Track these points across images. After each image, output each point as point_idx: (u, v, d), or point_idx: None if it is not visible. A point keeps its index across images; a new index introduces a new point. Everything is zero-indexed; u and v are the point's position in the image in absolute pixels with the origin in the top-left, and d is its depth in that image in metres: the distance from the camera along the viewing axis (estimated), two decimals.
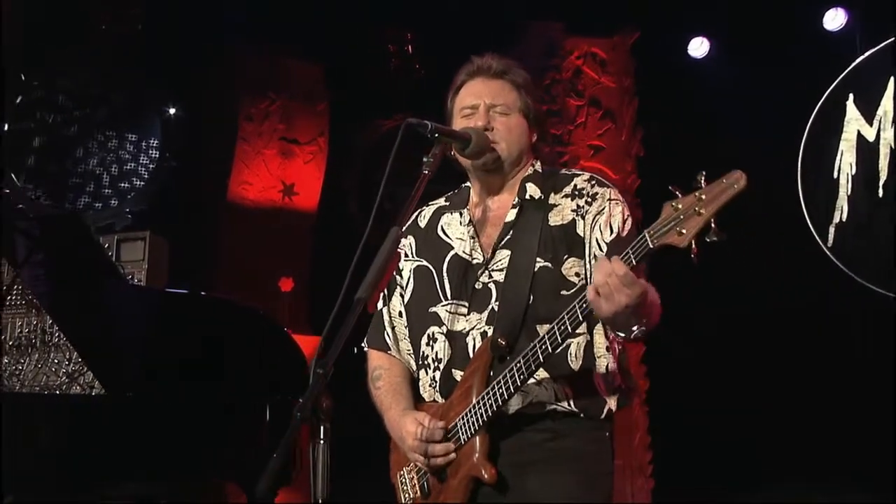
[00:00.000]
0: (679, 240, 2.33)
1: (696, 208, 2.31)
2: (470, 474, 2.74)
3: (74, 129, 6.82)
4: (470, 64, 3.03)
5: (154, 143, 6.86)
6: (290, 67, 7.49)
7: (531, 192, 2.94)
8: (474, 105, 2.96)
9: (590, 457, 2.81)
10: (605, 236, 2.81)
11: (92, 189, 6.81)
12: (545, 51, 7.18)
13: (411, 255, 3.06)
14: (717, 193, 2.31)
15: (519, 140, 2.97)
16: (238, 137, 7.27)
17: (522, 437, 2.78)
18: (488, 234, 2.94)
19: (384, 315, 3.11)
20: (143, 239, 5.84)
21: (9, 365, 5.81)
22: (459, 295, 2.90)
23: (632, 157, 7.11)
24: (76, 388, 5.62)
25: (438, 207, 3.13)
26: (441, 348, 2.90)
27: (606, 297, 2.42)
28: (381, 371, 3.06)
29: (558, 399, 2.78)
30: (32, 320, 5.83)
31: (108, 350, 4.93)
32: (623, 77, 7.22)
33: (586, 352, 2.82)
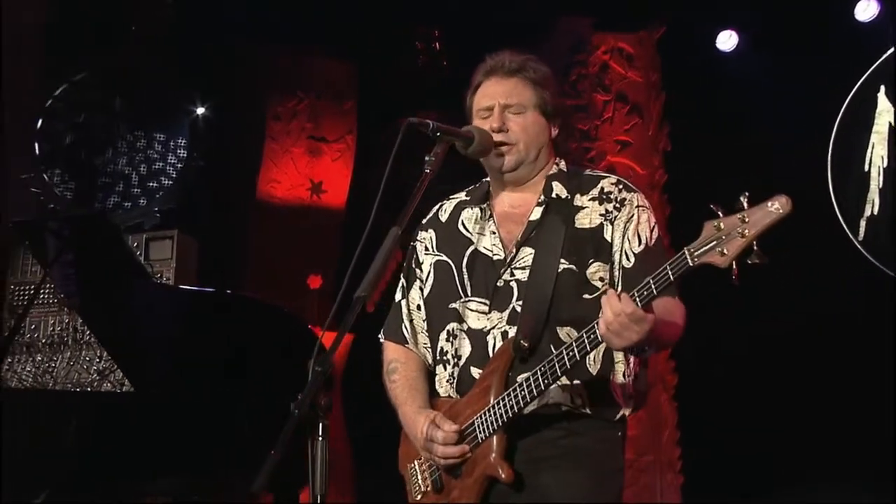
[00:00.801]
0: (721, 260, 2.36)
1: (740, 230, 2.35)
2: (486, 473, 2.76)
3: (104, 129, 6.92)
4: (485, 63, 3.04)
5: (182, 142, 6.94)
6: (318, 66, 7.54)
7: (557, 192, 2.94)
8: (489, 107, 2.97)
9: (601, 454, 2.84)
10: (634, 246, 2.83)
11: (121, 188, 6.91)
12: (572, 46, 7.17)
13: (432, 249, 3.07)
14: (761, 216, 2.35)
15: (536, 138, 2.97)
16: (266, 136, 7.34)
17: (537, 435, 2.81)
18: (510, 231, 2.94)
19: (402, 307, 3.11)
20: (171, 238, 5.91)
21: (42, 362, 5.91)
22: (480, 292, 2.91)
23: (659, 152, 7.08)
24: (107, 386, 5.71)
25: (459, 202, 3.13)
26: (461, 345, 2.91)
27: (616, 333, 2.48)
28: (398, 364, 3.07)
29: (574, 402, 2.80)
30: (64, 318, 5.94)
31: (136, 348, 5.00)
32: (650, 72, 7.19)
33: (605, 358, 2.84)
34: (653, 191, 7.00)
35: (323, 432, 2.28)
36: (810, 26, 6.48)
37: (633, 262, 2.82)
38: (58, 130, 6.91)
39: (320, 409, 2.28)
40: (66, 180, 6.84)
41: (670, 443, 6.87)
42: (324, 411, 2.28)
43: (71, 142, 6.88)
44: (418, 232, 3.13)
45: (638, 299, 2.49)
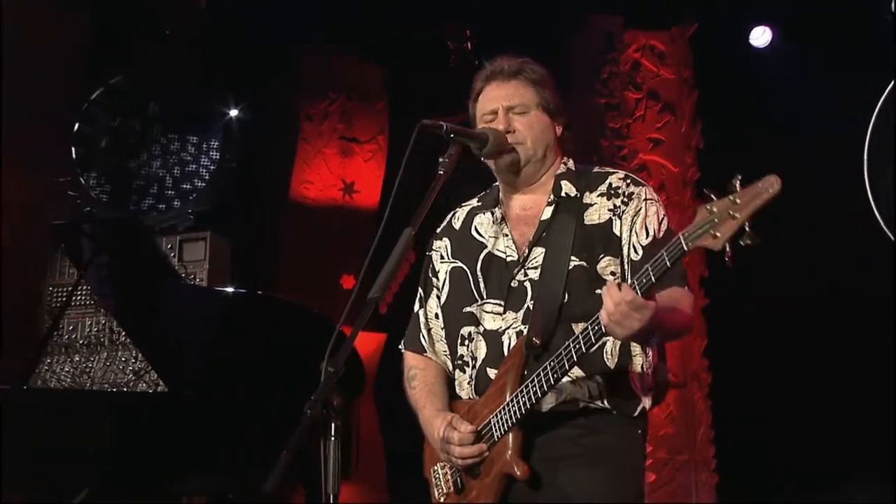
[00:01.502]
0: (713, 243, 2.36)
1: (731, 212, 2.34)
2: (503, 471, 2.78)
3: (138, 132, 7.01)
4: (484, 69, 3.07)
5: (214, 144, 7.02)
6: (349, 66, 7.58)
7: (566, 190, 2.96)
8: (493, 110, 2.99)
9: (620, 453, 2.83)
10: (642, 239, 2.85)
11: (155, 191, 7.00)
12: (603, 44, 7.16)
13: (447, 257, 3.10)
14: (751, 197, 2.34)
15: (542, 136, 2.99)
16: (299, 137, 7.39)
17: (555, 433, 2.81)
18: (522, 233, 2.97)
19: (420, 317, 3.15)
20: (203, 239, 5.97)
21: (80, 363, 6.00)
22: (495, 294, 2.94)
23: (692, 150, 7.05)
24: (142, 386, 5.79)
25: (472, 208, 3.16)
26: (477, 347, 2.93)
27: (618, 323, 2.51)
28: (416, 371, 3.11)
29: (592, 397, 2.81)
30: (101, 319, 6.02)
31: (169, 349, 5.06)
32: (682, 69, 7.16)
33: (622, 350, 2.84)
34: (685, 188, 6.98)
35: (335, 432, 2.30)
36: (846, 20, 6.42)
37: (640, 254, 2.84)
38: (94, 134, 7.01)
39: (333, 410, 2.31)
40: (101, 183, 6.95)
41: (705, 441, 6.83)
42: (336, 412, 2.30)
43: (106, 145, 6.98)
44: (433, 242, 3.17)
45: (637, 287, 2.51)
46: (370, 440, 6.40)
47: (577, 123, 7.07)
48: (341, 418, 2.31)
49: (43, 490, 5.11)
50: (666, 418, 6.78)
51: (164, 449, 4.62)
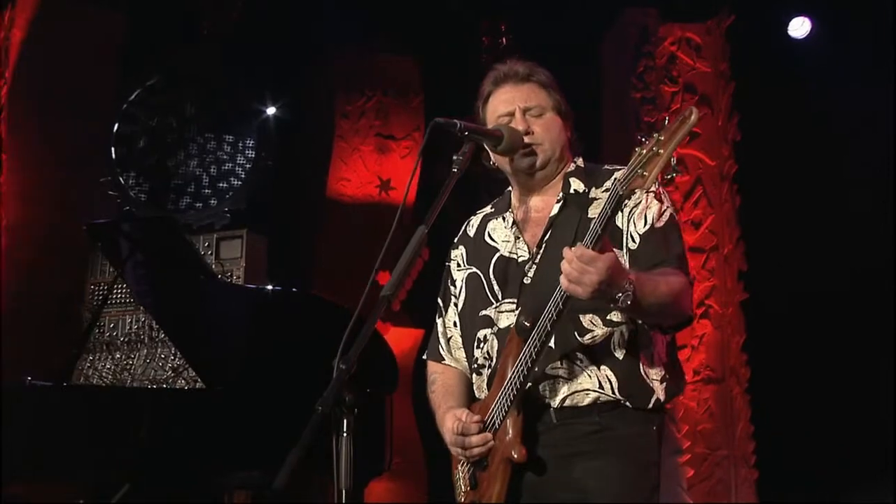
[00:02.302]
0: (642, 182, 2.48)
1: (656, 149, 2.44)
2: (504, 457, 2.79)
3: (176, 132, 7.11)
4: (494, 72, 3.09)
5: (250, 143, 7.09)
6: (385, 63, 7.62)
7: (575, 187, 2.98)
8: (509, 111, 3.00)
9: (635, 446, 2.83)
10: (640, 228, 2.86)
11: (192, 190, 7.09)
12: (638, 38, 7.12)
13: (463, 265, 3.14)
14: (672, 132, 2.45)
15: (558, 137, 3.01)
16: (335, 135, 7.44)
17: (569, 430, 2.82)
18: (534, 233, 2.99)
19: (439, 327, 3.20)
20: (240, 237, 6.04)
21: (121, 360, 6.10)
22: (509, 294, 2.96)
23: (728, 143, 6.99)
24: (181, 383, 5.86)
25: (485, 215, 3.18)
26: (492, 347, 2.96)
27: (576, 281, 2.54)
28: (436, 376, 3.16)
29: (602, 387, 2.81)
30: (141, 317, 6.11)
31: (206, 347, 5.12)
32: (719, 61, 7.10)
33: (630, 341, 2.84)
34: (722, 182, 6.93)
35: (347, 429, 2.33)
36: (887, 10, 6.33)
37: (637, 243, 2.84)
38: (132, 134, 7.12)
39: (344, 406, 2.34)
40: (140, 183, 7.06)
41: (744, 437, 6.78)
42: (348, 408, 2.33)
43: (145, 145, 7.08)
44: (450, 251, 3.21)
45: (590, 241, 2.59)
46: (407, 437, 6.43)
47: (612, 118, 7.12)
48: (353, 415, 2.32)
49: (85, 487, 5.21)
50: (704, 413, 6.75)
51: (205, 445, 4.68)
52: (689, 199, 6.88)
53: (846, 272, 6.33)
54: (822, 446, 6.22)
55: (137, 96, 7.04)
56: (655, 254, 2.82)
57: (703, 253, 6.86)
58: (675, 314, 2.79)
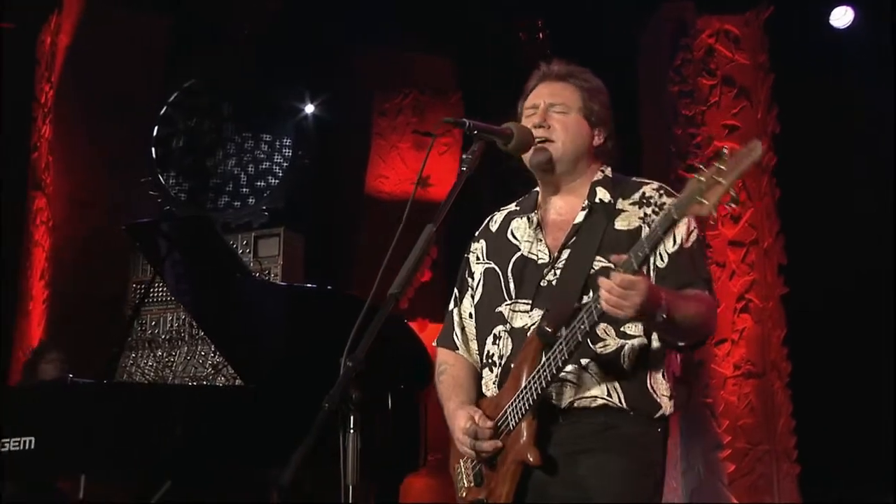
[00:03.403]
0: (701, 209, 2.45)
1: (717, 178, 2.42)
2: (517, 459, 2.80)
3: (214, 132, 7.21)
4: (538, 70, 3.10)
5: (287, 142, 7.17)
6: (422, 61, 7.65)
7: (601, 196, 2.97)
8: (535, 105, 3.02)
9: (638, 444, 2.83)
10: (668, 247, 2.86)
11: (231, 189, 7.19)
12: (676, 31, 7.07)
13: (482, 259, 3.14)
14: (735, 163, 2.42)
15: (576, 139, 2.99)
16: (373, 132, 7.50)
17: (575, 428, 2.82)
18: (556, 237, 2.98)
19: (454, 316, 3.18)
20: (277, 235, 6.11)
21: (162, 357, 6.21)
22: (524, 293, 2.96)
23: (768, 135, 6.91)
24: (221, 379, 5.95)
25: (509, 212, 3.17)
26: (504, 345, 2.97)
27: (617, 305, 2.57)
28: (446, 366, 3.15)
29: (609, 395, 2.82)
30: (181, 315, 6.21)
31: (242, 344, 5.18)
32: (757, 53, 7.02)
33: (640, 355, 2.85)
34: (762, 174, 6.86)
35: (354, 425, 2.37)
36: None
37: (666, 262, 2.85)
38: (172, 135, 7.24)
39: (351, 403, 2.37)
40: (180, 182, 7.17)
41: (785, 431, 6.72)
42: (355, 405, 2.37)
43: (184, 145, 7.20)
44: (471, 244, 3.21)
45: (633, 259, 2.58)
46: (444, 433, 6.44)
47: (650, 112, 7.08)
48: (360, 411, 2.36)
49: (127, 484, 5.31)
50: (745, 408, 6.70)
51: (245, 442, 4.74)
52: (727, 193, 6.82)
53: (887, 265, 6.26)
54: (865, 440, 6.15)
55: (176, 98, 7.14)
56: (684, 274, 2.83)
57: (743, 247, 6.81)
58: (701, 334, 2.84)
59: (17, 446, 4.60)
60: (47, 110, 7.64)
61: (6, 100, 7.45)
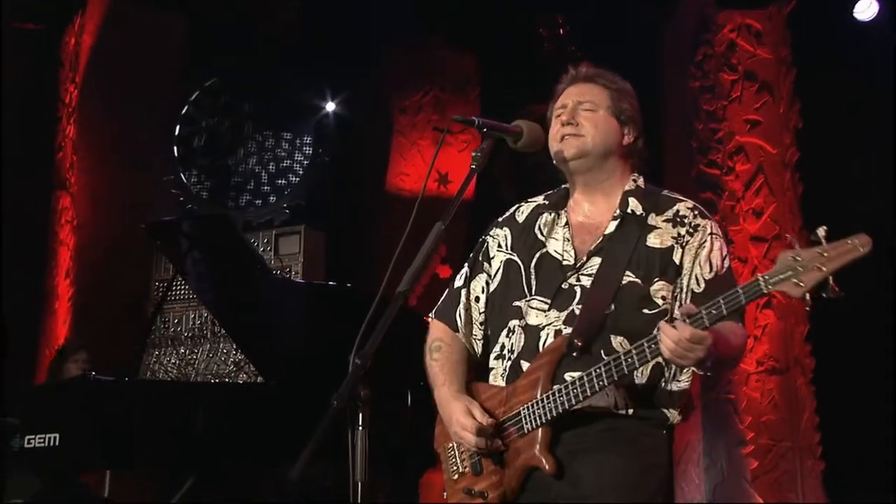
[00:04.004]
0: (796, 290, 2.44)
1: (818, 264, 2.41)
2: (529, 464, 2.81)
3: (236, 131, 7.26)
4: (566, 74, 3.11)
5: (308, 140, 7.21)
6: (442, 58, 7.66)
7: (633, 207, 2.96)
8: (564, 104, 3.03)
9: (642, 446, 2.84)
10: (706, 273, 2.87)
11: (252, 187, 7.23)
12: (697, 26, 7.04)
13: (505, 247, 3.11)
14: (841, 252, 2.42)
15: (605, 136, 2.99)
16: (394, 130, 7.51)
17: (579, 429, 2.83)
18: (583, 240, 2.98)
19: (461, 295, 3.15)
20: (298, 233, 6.14)
21: (185, 354, 6.26)
22: (543, 292, 2.96)
23: (790, 130, 6.86)
24: (243, 377, 5.99)
25: (537, 205, 3.14)
26: (517, 340, 2.97)
27: (681, 357, 2.60)
28: (442, 344, 3.12)
29: (618, 407, 2.83)
30: (203, 313, 6.26)
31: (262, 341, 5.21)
32: (780, 48, 6.97)
33: (653, 371, 2.85)
34: (784, 170, 6.82)
35: (363, 422, 2.39)
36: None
37: (703, 287, 2.85)
38: (193, 134, 7.29)
39: (359, 400, 2.39)
40: (202, 181, 7.22)
41: (809, 428, 6.68)
42: (363, 402, 2.38)
43: (205, 144, 7.24)
44: (492, 228, 3.18)
45: (706, 318, 2.58)
46: None
47: (671, 107, 7.05)
48: (369, 409, 2.38)
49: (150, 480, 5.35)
50: (768, 404, 6.66)
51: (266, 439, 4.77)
52: (750, 188, 6.79)
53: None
54: (889, 437, 6.10)
55: (198, 96, 7.19)
56: None
57: (766, 242, 6.76)
58: (731, 365, 2.86)
59: (42, 442, 4.68)
60: (71, 110, 7.72)
61: (32, 101, 7.54)
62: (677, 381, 2.88)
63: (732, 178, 6.76)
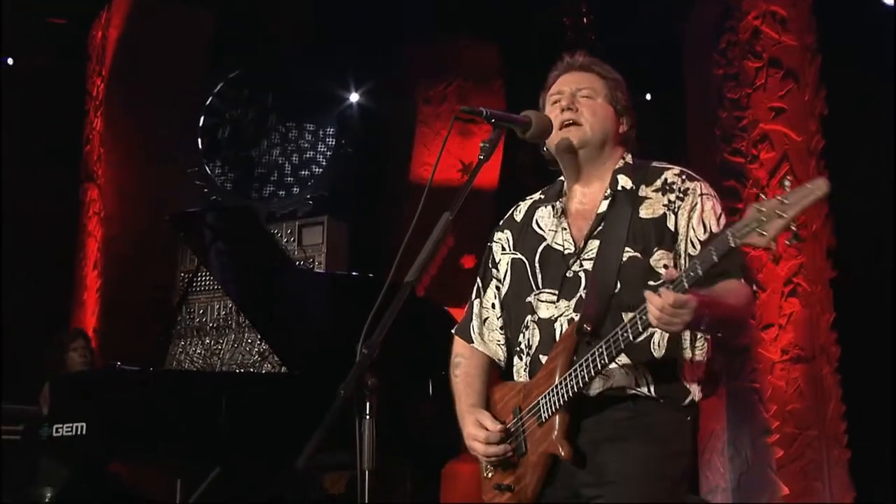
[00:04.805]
0: (760, 240, 2.45)
1: (779, 211, 2.42)
2: (548, 451, 2.83)
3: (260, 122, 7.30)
4: (560, 62, 3.12)
5: (331, 131, 7.24)
6: (465, 48, 7.67)
7: (623, 184, 2.97)
8: (561, 91, 3.03)
9: (666, 434, 2.83)
10: (700, 234, 2.87)
11: (275, 178, 7.28)
12: (721, 14, 6.99)
13: (508, 249, 3.15)
14: (800, 198, 2.42)
15: (603, 123, 3.00)
16: (417, 120, 7.53)
17: (601, 416, 2.84)
18: (580, 227, 2.99)
19: (474, 307, 3.21)
20: (321, 223, 6.18)
21: (210, 345, 6.32)
22: (550, 284, 2.98)
23: (816, 118, 6.80)
24: (267, 367, 6.04)
25: (534, 201, 3.18)
26: (532, 336, 2.99)
27: (668, 323, 2.59)
28: (461, 360, 3.19)
29: (639, 384, 2.83)
30: (228, 303, 6.31)
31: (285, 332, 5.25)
32: (805, 34, 6.90)
33: (670, 341, 2.86)
34: (809, 157, 6.76)
35: (370, 411, 2.41)
36: None
37: (699, 249, 2.84)
38: (217, 126, 7.34)
39: (367, 389, 2.42)
40: (226, 172, 7.27)
41: (835, 416, 6.63)
42: (371, 391, 2.41)
43: (229, 136, 7.29)
44: (494, 233, 3.22)
45: (685, 281, 2.56)
46: None
47: (695, 95, 7.01)
48: (376, 398, 2.40)
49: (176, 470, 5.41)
50: (794, 393, 6.62)
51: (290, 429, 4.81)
52: (775, 176, 6.74)
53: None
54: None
55: (221, 88, 7.24)
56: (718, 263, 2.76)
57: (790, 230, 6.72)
58: (738, 326, 2.90)
59: (70, 431, 4.75)
60: (98, 103, 7.80)
61: (61, 94, 7.62)
62: (694, 351, 2.88)
63: (757, 166, 6.71)
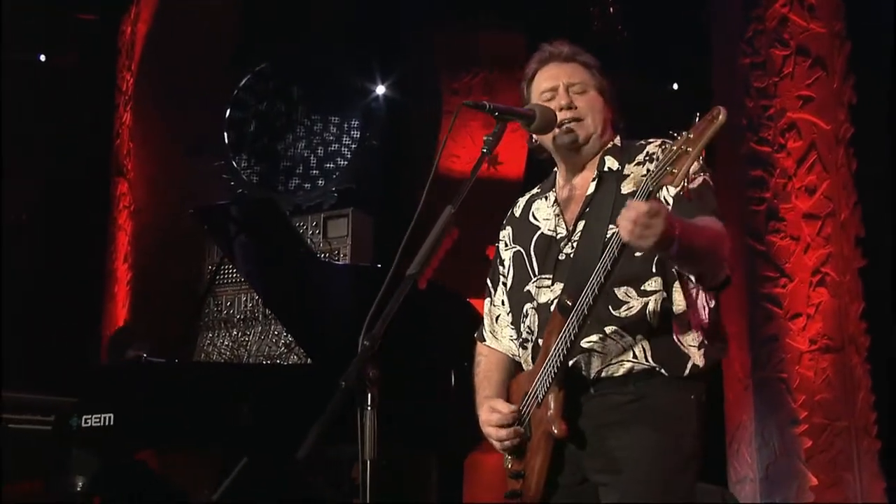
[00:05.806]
0: (671, 179, 2.49)
1: (686, 147, 2.46)
2: (545, 430, 2.85)
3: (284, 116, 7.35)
4: (541, 52, 3.14)
5: (356, 123, 7.27)
6: (491, 39, 7.66)
7: (609, 165, 3.00)
8: (553, 87, 3.04)
9: (672, 416, 2.83)
10: (672, 191, 2.82)
11: (301, 171, 7.33)
12: (747, 2, 6.93)
13: (509, 244, 3.19)
14: (701, 131, 2.46)
15: (601, 114, 3.03)
16: (443, 111, 7.54)
17: (604, 401, 2.85)
18: (572, 211, 3.02)
19: (486, 307, 3.27)
20: (346, 216, 6.22)
21: (237, 337, 6.37)
22: (545, 269, 3.01)
23: (844, 106, 6.73)
24: (294, 358, 6.08)
25: (531, 196, 3.22)
26: (532, 321, 3.02)
27: (641, 236, 2.55)
28: (481, 358, 3.25)
29: (636, 356, 2.83)
30: (255, 296, 6.36)
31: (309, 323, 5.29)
32: (833, 21, 6.83)
33: (664, 309, 2.85)
34: (838, 146, 6.69)
35: (371, 402, 2.44)
36: None
37: (672, 202, 2.82)
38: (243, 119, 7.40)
39: (368, 381, 2.44)
40: (252, 166, 7.33)
41: (865, 407, 6.57)
42: (372, 382, 2.43)
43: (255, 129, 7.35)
44: (500, 232, 3.27)
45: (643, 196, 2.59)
46: None
47: (721, 85, 6.96)
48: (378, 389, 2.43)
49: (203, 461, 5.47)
50: (822, 383, 6.57)
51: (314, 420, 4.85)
52: (802, 165, 6.68)
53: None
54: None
55: (248, 81, 7.30)
56: (690, 210, 2.79)
57: (819, 220, 6.65)
58: (717, 262, 2.78)
59: (98, 422, 4.83)
60: (128, 98, 7.89)
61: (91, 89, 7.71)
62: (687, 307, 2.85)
63: (784, 155, 6.65)
